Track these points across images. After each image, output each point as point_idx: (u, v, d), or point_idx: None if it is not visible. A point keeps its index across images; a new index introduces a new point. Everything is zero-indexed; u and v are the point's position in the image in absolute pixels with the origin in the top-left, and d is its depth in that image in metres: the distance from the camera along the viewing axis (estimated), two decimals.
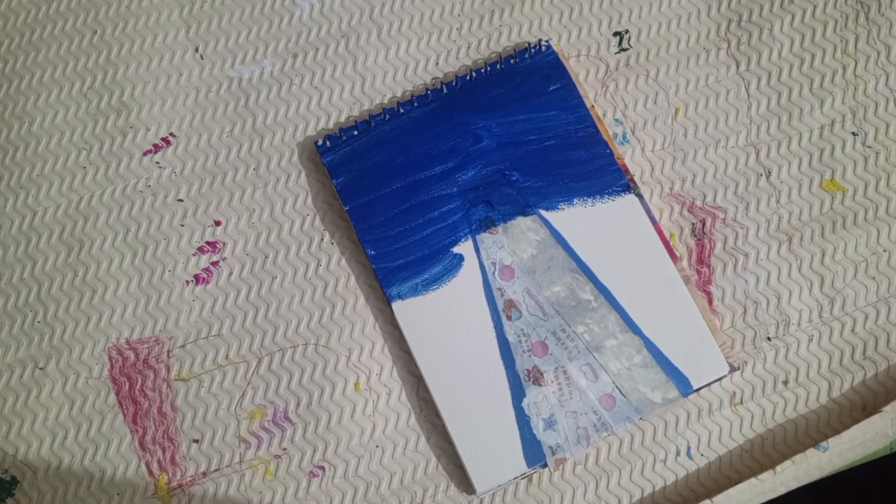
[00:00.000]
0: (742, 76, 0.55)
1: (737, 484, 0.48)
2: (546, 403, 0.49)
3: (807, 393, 0.50)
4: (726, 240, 0.53)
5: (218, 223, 0.54)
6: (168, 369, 0.52)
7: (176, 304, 0.53)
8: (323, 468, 0.51)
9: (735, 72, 0.55)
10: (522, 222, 0.52)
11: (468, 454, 0.49)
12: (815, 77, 0.54)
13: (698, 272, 0.52)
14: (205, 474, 0.51)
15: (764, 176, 0.53)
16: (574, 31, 0.56)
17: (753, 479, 0.48)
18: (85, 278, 0.54)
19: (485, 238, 0.52)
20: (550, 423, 0.49)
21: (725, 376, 0.50)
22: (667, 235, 0.53)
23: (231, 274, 0.53)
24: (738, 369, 0.51)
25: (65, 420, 0.52)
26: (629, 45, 0.56)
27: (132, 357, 0.52)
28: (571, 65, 0.55)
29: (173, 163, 0.55)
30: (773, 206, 0.53)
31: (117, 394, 0.52)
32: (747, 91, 0.55)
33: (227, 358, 0.52)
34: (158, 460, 0.51)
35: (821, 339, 0.51)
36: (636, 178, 0.53)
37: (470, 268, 0.51)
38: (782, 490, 0.48)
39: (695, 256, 0.52)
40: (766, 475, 0.48)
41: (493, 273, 0.51)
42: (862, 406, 0.50)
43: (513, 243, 0.52)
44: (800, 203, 0.53)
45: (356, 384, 0.52)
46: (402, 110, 0.53)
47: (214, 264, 0.53)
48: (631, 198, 0.52)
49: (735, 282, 0.52)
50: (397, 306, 0.51)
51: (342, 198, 0.52)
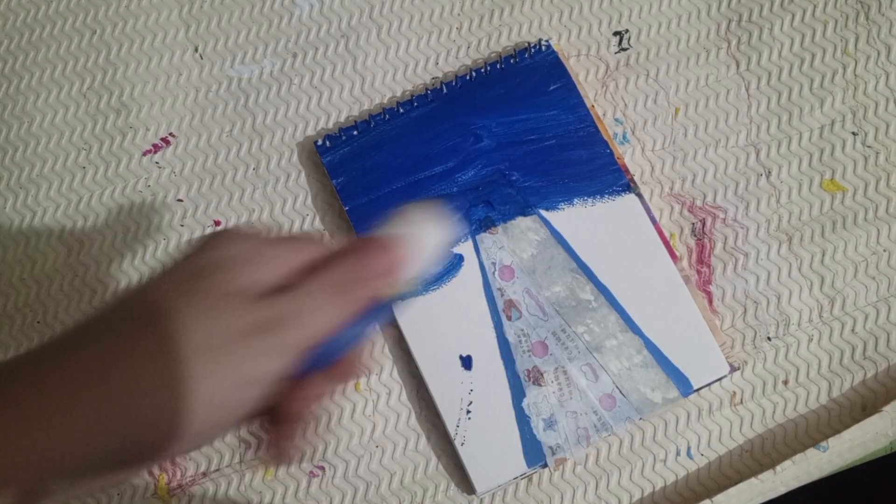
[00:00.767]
0: (742, 76, 0.55)
1: (737, 484, 0.48)
2: (546, 403, 0.49)
3: (807, 393, 0.50)
4: (726, 239, 0.53)
5: (218, 223, 0.54)
6: None
7: None
8: (323, 468, 0.51)
9: (735, 71, 0.55)
10: (522, 222, 0.52)
11: (468, 454, 0.49)
12: (816, 77, 0.54)
13: (698, 272, 0.52)
14: (205, 474, 0.51)
15: (764, 176, 0.53)
16: (574, 30, 0.56)
17: (753, 479, 0.48)
18: (85, 279, 0.53)
19: (485, 238, 0.52)
20: (550, 424, 0.49)
21: (725, 376, 0.50)
22: (667, 235, 0.53)
23: None
24: (739, 369, 0.51)
25: None
26: (629, 44, 0.56)
27: None
28: (571, 64, 0.55)
29: (173, 163, 0.55)
30: (773, 206, 0.53)
31: None
32: (747, 91, 0.54)
33: None
34: None
35: (821, 338, 0.51)
36: (636, 178, 0.53)
37: (470, 268, 0.51)
38: (782, 490, 0.48)
39: (695, 256, 0.52)
40: (766, 475, 0.48)
41: (493, 273, 0.51)
42: (862, 406, 0.50)
43: (513, 243, 0.52)
44: (800, 203, 0.53)
45: (356, 384, 0.52)
46: (401, 110, 0.53)
47: None
48: (631, 197, 0.52)
49: (735, 282, 0.52)
50: (397, 306, 0.51)
51: (342, 198, 0.52)
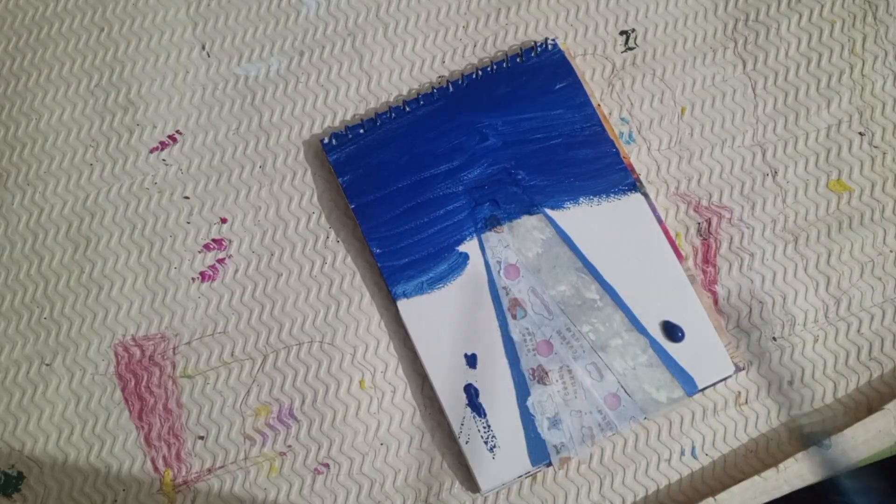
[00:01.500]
0: (749, 75, 0.55)
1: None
2: (551, 402, 0.49)
3: (812, 393, 0.50)
4: (732, 239, 0.52)
5: (224, 220, 0.54)
6: (174, 366, 0.52)
7: (182, 301, 0.53)
8: (328, 465, 0.51)
9: (742, 71, 0.55)
10: (528, 221, 0.52)
11: (472, 452, 0.49)
12: (822, 77, 0.54)
13: (704, 272, 0.52)
14: (210, 471, 0.51)
15: (770, 175, 0.53)
16: (580, 29, 0.56)
17: (756, 478, 0.48)
18: (91, 275, 0.54)
19: (490, 237, 0.52)
20: (555, 422, 0.49)
21: (730, 376, 0.50)
22: (672, 235, 0.53)
23: (237, 271, 0.53)
24: (744, 369, 0.51)
25: (71, 416, 0.52)
26: (635, 43, 0.55)
27: (138, 354, 0.52)
28: (577, 63, 0.55)
29: (179, 160, 0.55)
30: (779, 206, 0.53)
31: (123, 390, 0.52)
32: (754, 90, 0.54)
33: (232, 355, 0.52)
34: (164, 456, 0.51)
35: (826, 339, 0.51)
36: (642, 177, 0.53)
37: (475, 266, 0.51)
38: (786, 489, 0.48)
39: (700, 256, 0.52)
40: (769, 473, 0.48)
41: (499, 272, 0.51)
42: (868, 406, 0.50)
43: (518, 242, 0.52)
44: (806, 203, 0.53)
45: (361, 382, 0.52)
46: (408, 109, 0.53)
47: (220, 261, 0.54)
48: (637, 197, 0.52)
49: (741, 281, 0.52)
50: (402, 304, 0.51)
51: (348, 196, 0.52)
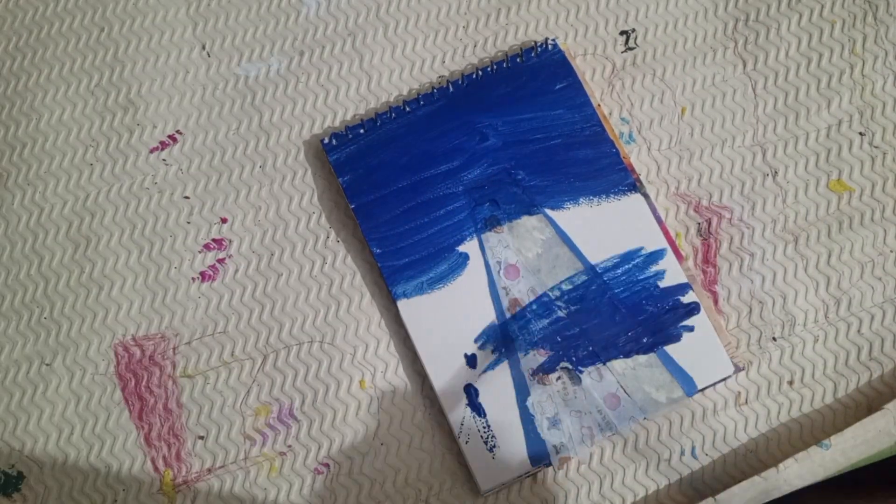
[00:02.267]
0: (749, 75, 0.55)
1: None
2: (551, 402, 0.49)
3: (812, 393, 0.50)
4: (732, 239, 0.52)
5: (224, 220, 0.54)
6: (174, 366, 0.52)
7: (182, 301, 0.53)
8: (328, 465, 0.51)
9: (742, 71, 0.55)
10: (528, 221, 0.52)
11: (472, 452, 0.49)
12: (823, 77, 0.54)
13: (704, 272, 0.52)
14: (210, 471, 0.51)
15: (770, 176, 0.53)
16: (580, 29, 0.56)
17: (756, 477, 0.48)
18: (91, 275, 0.54)
19: (490, 237, 0.52)
20: (555, 423, 0.49)
21: (730, 376, 0.50)
22: (672, 235, 0.53)
23: (237, 271, 0.53)
24: (744, 369, 0.51)
25: (71, 416, 0.52)
26: (636, 43, 0.55)
27: (138, 354, 0.52)
28: (578, 63, 0.55)
29: (180, 160, 0.55)
30: (779, 206, 0.53)
31: (123, 390, 0.52)
32: (754, 90, 0.54)
33: (232, 355, 0.52)
34: (164, 456, 0.51)
35: (827, 339, 0.51)
36: (642, 178, 0.53)
37: (475, 266, 0.51)
38: (786, 489, 0.48)
39: (700, 256, 0.52)
40: (769, 473, 0.48)
41: (499, 272, 0.51)
42: (868, 407, 0.50)
43: (518, 242, 0.52)
44: (806, 203, 0.53)
45: (361, 382, 0.52)
46: (408, 109, 0.53)
47: (220, 261, 0.54)
48: (637, 197, 0.52)
49: (741, 282, 0.52)
50: (402, 304, 0.51)
51: (348, 196, 0.53)
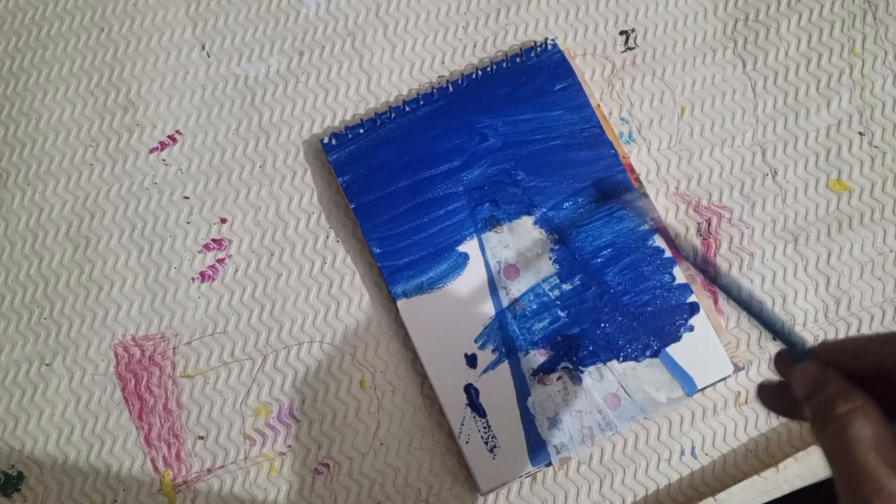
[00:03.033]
0: (748, 75, 0.55)
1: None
2: (551, 402, 0.49)
3: None
4: (732, 239, 0.53)
5: (224, 220, 0.54)
6: (174, 366, 0.52)
7: (182, 301, 0.53)
8: (328, 465, 0.51)
9: (741, 71, 0.55)
10: (528, 221, 0.52)
11: (472, 452, 0.49)
12: (822, 76, 0.54)
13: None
14: (210, 471, 0.51)
15: (770, 175, 0.53)
16: (580, 29, 0.56)
17: (756, 477, 0.48)
18: (91, 275, 0.54)
19: (490, 237, 0.52)
20: (555, 423, 0.49)
21: (730, 376, 0.50)
22: (672, 235, 0.53)
23: (237, 271, 0.53)
24: (743, 369, 0.51)
25: (71, 416, 0.52)
26: (635, 43, 0.55)
27: (138, 354, 0.52)
28: (577, 63, 0.55)
29: (179, 160, 0.55)
30: (779, 206, 0.53)
31: (123, 390, 0.52)
32: (753, 90, 0.54)
33: (232, 355, 0.52)
34: (164, 456, 0.51)
35: (826, 339, 0.51)
36: (642, 177, 0.53)
37: (475, 267, 0.51)
38: (787, 489, 0.48)
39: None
40: (769, 472, 0.48)
41: (499, 272, 0.51)
42: None
43: (518, 242, 0.52)
44: (806, 203, 0.53)
45: (361, 382, 0.52)
46: (407, 109, 0.53)
47: (220, 261, 0.54)
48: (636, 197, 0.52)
49: (741, 281, 0.52)
50: (402, 304, 0.51)
51: (348, 196, 0.52)
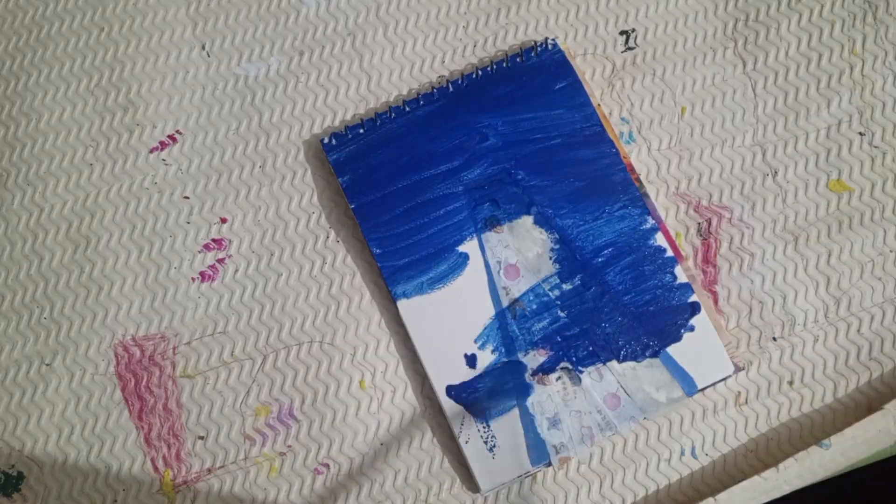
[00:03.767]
0: (749, 75, 0.55)
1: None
2: (550, 402, 0.49)
3: (812, 393, 0.50)
4: (732, 239, 0.53)
5: (224, 220, 0.54)
6: (174, 366, 0.52)
7: (182, 301, 0.53)
8: (328, 465, 0.51)
9: (742, 71, 0.55)
10: (528, 221, 0.52)
11: (472, 452, 0.49)
12: (822, 77, 0.54)
13: (704, 272, 0.52)
14: (210, 471, 0.51)
15: (770, 175, 0.53)
16: (580, 29, 0.56)
17: (756, 477, 0.48)
18: (91, 275, 0.54)
19: (490, 237, 0.52)
20: (555, 423, 0.49)
21: (730, 376, 0.50)
22: (672, 235, 0.53)
23: (237, 271, 0.53)
24: (744, 369, 0.51)
25: (71, 416, 0.52)
26: (636, 43, 0.55)
27: (138, 354, 0.52)
28: (578, 63, 0.55)
29: (179, 160, 0.55)
30: (779, 206, 0.53)
31: (123, 390, 0.52)
32: (754, 90, 0.54)
33: (232, 355, 0.52)
34: (164, 456, 0.51)
35: (826, 339, 0.51)
36: (642, 177, 0.53)
37: (475, 266, 0.51)
38: (787, 489, 0.48)
39: (700, 256, 0.52)
40: (769, 473, 0.48)
41: (499, 272, 0.51)
42: (868, 407, 0.50)
43: (518, 242, 0.52)
44: (806, 203, 0.53)
45: (361, 382, 0.52)
46: (408, 108, 0.53)
47: (220, 261, 0.54)
48: (637, 198, 0.52)
49: (741, 281, 0.52)
50: (402, 304, 0.51)
51: (348, 196, 0.52)
